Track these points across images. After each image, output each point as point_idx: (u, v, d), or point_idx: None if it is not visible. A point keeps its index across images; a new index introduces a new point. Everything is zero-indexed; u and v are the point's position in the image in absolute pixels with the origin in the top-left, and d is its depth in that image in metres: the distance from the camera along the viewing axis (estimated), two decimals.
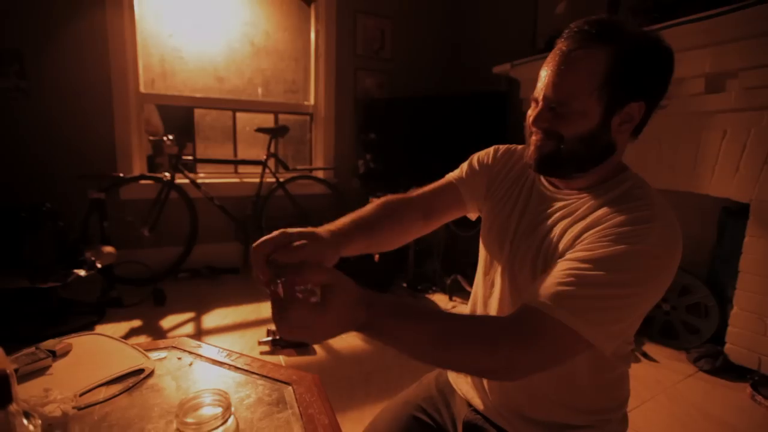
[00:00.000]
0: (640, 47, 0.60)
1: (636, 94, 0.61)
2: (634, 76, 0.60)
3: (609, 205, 0.63)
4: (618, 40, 0.59)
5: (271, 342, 1.84)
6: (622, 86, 0.60)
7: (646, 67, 0.61)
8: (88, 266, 1.92)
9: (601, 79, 0.59)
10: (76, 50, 2.49)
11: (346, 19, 3.27)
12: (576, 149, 0.64)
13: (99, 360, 0.91)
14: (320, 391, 0.83)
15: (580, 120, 0.62)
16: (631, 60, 0.59)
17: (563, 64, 0.61)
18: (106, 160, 2.63)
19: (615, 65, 0.59)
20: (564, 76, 0.62)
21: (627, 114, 0.62)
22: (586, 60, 0.60)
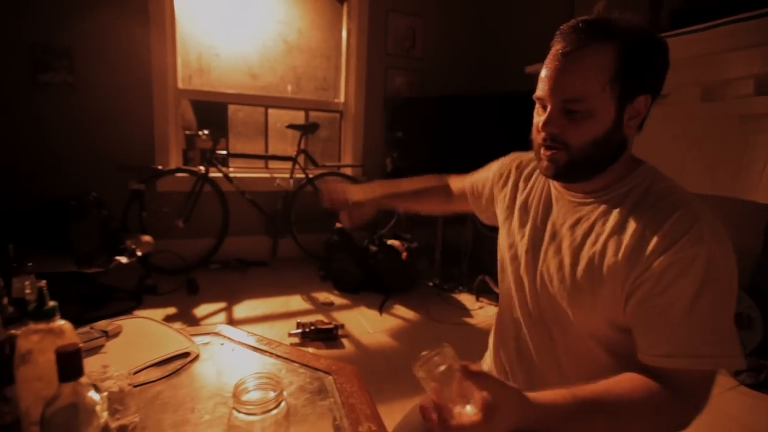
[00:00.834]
0: (642, 41, 0.60)
1: (643, 87, 0.61)
2: (641, 70, 0.60)
3: (643, 209, 0.62)
4: (620, 35, 0.59)
5: (300, 334, 1.88)
6: (630, 80, 0.60)
7: (650, 59, 0.61)
8: (129, 254, 2.00)
9: (611, 73, 0.59)
10: (120, 47, 2.60)
11: (378, 17, 3.28)
12: (591, 153, 0.63)
13: (147, 342, 0.96)
14: (360, 382, 0.84)
15: (592, 123, 0.61)
16: (636, 54, 0.59)
17: (570, 63, 0.60)
18: (144, 153, 2.73)
19: (622, 60, 0.59)
20: (574, 74, 0.60)
21: (635, 108, 0.62)
22: (593, 56, 0.59)
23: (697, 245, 0.56)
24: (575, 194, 0.71)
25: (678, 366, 0.56)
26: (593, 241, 0.65)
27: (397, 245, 2.58)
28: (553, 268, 0.70)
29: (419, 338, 2.03)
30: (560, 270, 0.69)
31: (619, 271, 0.61)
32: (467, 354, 1.72)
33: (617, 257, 0.61)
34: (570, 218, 0.70)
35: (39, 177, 2.45)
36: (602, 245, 0.64)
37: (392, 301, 2.44)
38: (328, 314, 2.21)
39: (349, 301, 2.43)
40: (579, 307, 0.67)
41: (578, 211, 0.70)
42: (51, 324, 0.60)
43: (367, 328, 2.09)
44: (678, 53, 1.99)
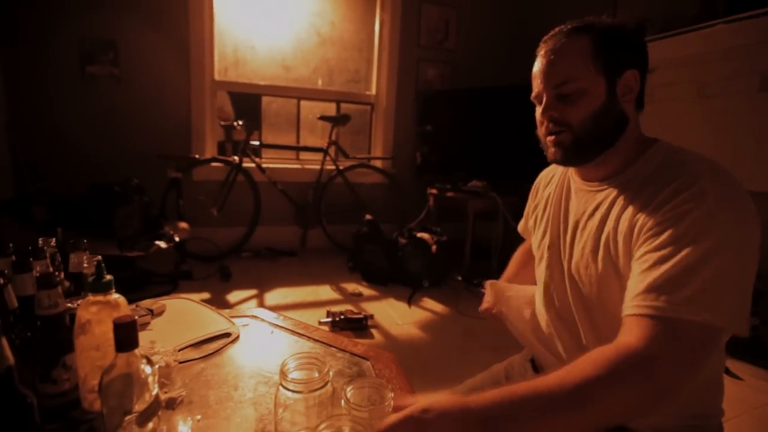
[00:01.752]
0: (613, 27, 0.66)
1: (627, 63, 0.65)
2: (619, 48, 0.65)
3: (651, 181, 0.62)
4: (593, 28, 0.66)
5: (330, 323, 1.89)
6: (611, 57, 0.64)
7: (625, 40, 0.66)
8: (167, 239, 2.07)
9: (590, 53, 0.64)
10: (161, 41, 2.68)
11: (411, 8, 3.25)
12: (592, 129, 0.65)
13: (190, 321, 0.98)
14: (398, 368, 0.84)
15: (587, 99, 0.64)
16: (610, 37, 0.65)
17: (552, 56, 0.66)
18: (182, 143, 2.82)
19: (598, 42, 0.64)
20: (557, 62, 0.66)
21: (626, 83, 0.65)
22: (571, 45, 0.65)
23: (696, 200, 0.55)
24: (591, 183, 0.73)
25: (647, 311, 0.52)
26: (609, 220, 0.66)
27: (427, 238, 2.56)
28: (577, 258, 0.71)
29: (449, 331, 2.01)
30: (583, 258, 0.69)
31: (627, 241, 0.61)
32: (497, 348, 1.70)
33: (627, 225, 0.62)
34: (589, 207, 0.71)
35: (87, 164, 2.58)
36: (614, 223, 0.64)
37: (421, 293, 2.42)
38: (357, 305, 2.22)
39: (378, 292, 2.43)
40: (608, 291, 0.66)
41: (595, 198, 0.71)
42: (108, 296, 0.62)
43: (396, 319, 2.08)
44: (734, 41, 1.89)
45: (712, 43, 1.90)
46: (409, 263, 2.50)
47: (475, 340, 1.93)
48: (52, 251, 0.83)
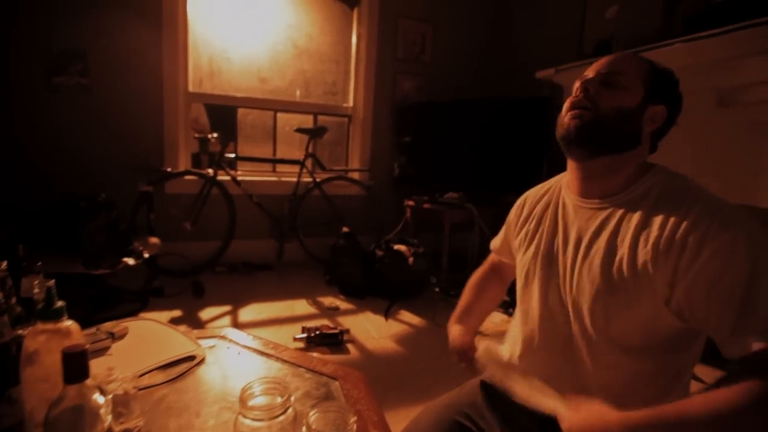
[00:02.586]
0: (667, 71, 0.75)
1: (663, 98, 0.72)
2: (663, 84, 0.72)
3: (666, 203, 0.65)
4: (651, 62, 0.74)
5: (305, 339, 1.86)
6: (657, 85, 0.71)
7: (670, 80, 0.74)
8: (136, 255, 2.01)
9: (645, 72, 0.71)
10: (133, 51, 2.63)
11: (388, 23, 3.29)
12: (613, 119, 0.69)
13: (154, 344, 0.95)
14: (367, 388, 0.83)
15: (623, 94, 0.70)
16: (661, 73, 0.73)
17: (619, 56, 0.74)
18: (154, 155, 2.76)
19: (653, 71, 0.72)
20: (616, 60, 0.73)
21: (655, 112, 0.71)
22: (633, 58, 0.74)
23: (733, 227, 0.58)
24: (591, 201, 0.74)
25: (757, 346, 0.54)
26: (621, 242, 0.67)
27: (404, 250, 2.56)
28: (584, 276, 0.71)
29: (425, 344, 2.00)
30: (590, 275, 0.70)
31: (652, 263, 0.62)
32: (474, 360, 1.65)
33: (648, 249, 0.63)
34: (593, 225, 0.72)
35: (52, 178, 2.49)
36: (630, 243, 0.66)
37: (398, 306, 2.42)
38: (334, 319, 2.20)
39: (355, 306, 2.41)
40: (614, 307, 0.67)
41: (598, 216, 0.72)
42: (58, 324, 0.59)
43: (373, 333, 2.07)
44: (692, 59, 1.98)
45: (672, 61, 1.96)
46: (387, 275, 2.50)
47: None
48: (2, 275, 0.79)
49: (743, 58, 1.76)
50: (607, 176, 0.72)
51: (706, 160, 1.93)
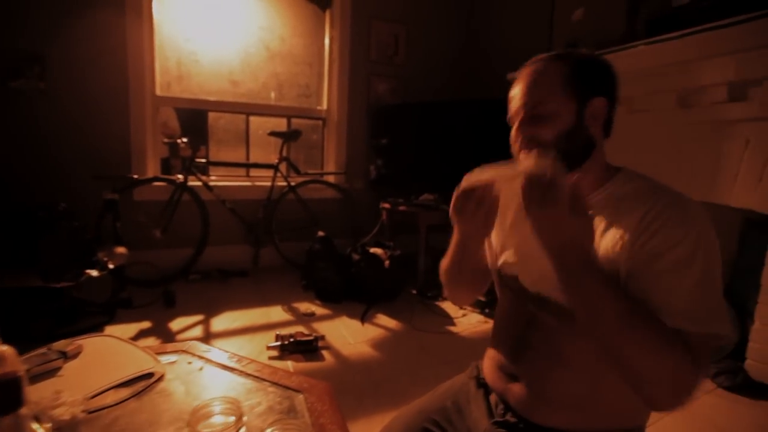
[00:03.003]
0: (587, 59, 0.73)
1: (597, 90, 0.71)
2: (590, 77, 0.71)
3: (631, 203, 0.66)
4: (569, 57, 0.72)
5: (279, 347, 1.83)
6: (582, 84, 0.70)
7: (596, 71, 0.73)
8: (100, 267, 1.93)
9: (563, 79, 0.70)
10: (96, 53, 2.54)
11: (361, 25, 3.28)
12: (563, 147, 0.69)
13: (109, 362, 0.91)
14: (332, 400, 0.81)
15: (558, 120, 0.69)
16: (583, 66, 0.71)
17: (530, 78, 0.72)
18: (121, 162, 2.66)
19: (572, 70, 0.70)
20: (533, 85, 0.71)
21: (594, 108, 0.71)
22: (547, 69, 0.71)
23: (687, 224, 0.61)
24: None
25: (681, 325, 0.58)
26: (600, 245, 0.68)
27: (380, 253, 2.55)
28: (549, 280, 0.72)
29: (402, 348, 2.00)
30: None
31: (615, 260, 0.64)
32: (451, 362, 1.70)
33: (613, 249, 0.65)
34: None
35: (8, 188, 2.36)
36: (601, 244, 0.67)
37: (375, 310, 2.40)
38: (309, 325, 2.17)
39: (331, 311, 2.39)
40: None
41: None
42: None
43: (349, 338, 2.05)
44: (654, 61, 2.03)
45: (635, 63, 2.04)
46: (363, 279, 2.48)
47: (429, 355, 1.93)
48: None
49: (701, 60, 1.82)
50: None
51: (668, 159, 1.99)
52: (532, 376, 0.76)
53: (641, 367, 0.57)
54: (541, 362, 0.75)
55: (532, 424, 0.75)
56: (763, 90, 1.65)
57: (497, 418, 0.80)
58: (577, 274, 0.59)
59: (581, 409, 0.72)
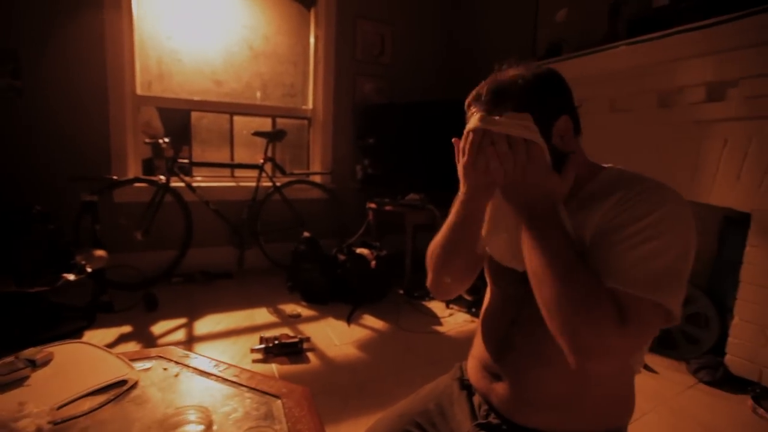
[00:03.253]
0: (534, 84, 0.68)
1: (554, 113, 0.68)
2: (543, 104, 0.67)
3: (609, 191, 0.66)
4: (513, 94, 0.67)
5: (263, 350, 1.80)
6: (538, 114, 0.66)
7: (545, 93, 0.69)
8: (78, 270, 1.88)
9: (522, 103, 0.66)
10: (73, 51, 2.47)
11: (346, 24, 3.26)
12: None
13: (81, 370, 0.88)
14: (310, 405, 0.80)
15: None
16: (530, 97, 0.67)
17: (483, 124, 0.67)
18: (100, 163, 2.60)
19: (524, 106, 0.66)
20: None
21: (559, 128, 0.68)
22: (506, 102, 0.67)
23: (656, 204, 0.61)
24: None
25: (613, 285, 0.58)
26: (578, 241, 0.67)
27: (366, 254, 2.53)
28: None
29: (388, 349, 1.99)
30: None
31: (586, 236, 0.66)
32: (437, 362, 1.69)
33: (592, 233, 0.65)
34: None
35: None
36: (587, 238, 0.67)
37: (361, 311, 2.39)
38: (295, 327, 2.15)
39: (317, 312, 2.36)
40: None
41: None
42: None
43: (334, 340, 2.03)
44: (635, 61, 2.05)
45: (617, 63, 2.06)
46: (349, 280, 2.46)
47: (415, 355, 1.93)
48: None
49: (680, 61, 1.84)
50: None
51: (650, 158, 2.01)
52: (515, 375, 0.76)
53: (565, 313, 0.58)
54: (523, 362, 0.75)
55: (514, 425, 0.75)
56: (740, 90, 1.68)
57: (480, 419, 0.80)
58: (542, 225, 0.63)
59: (563, 410, 0.72)
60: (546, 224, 0.63)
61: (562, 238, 0.62)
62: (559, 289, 0.59)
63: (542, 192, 0.65)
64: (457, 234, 0.78)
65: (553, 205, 0.65)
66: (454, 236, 0.78)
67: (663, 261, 0.59)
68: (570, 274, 0.59)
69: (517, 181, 0.64)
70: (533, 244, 0.63)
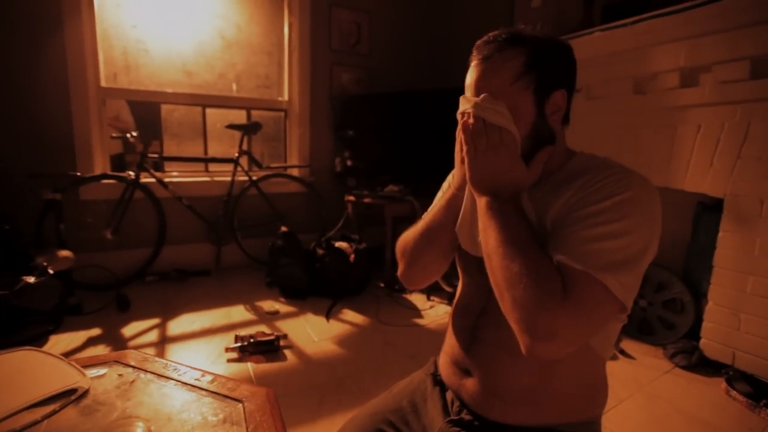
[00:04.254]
0: (547, 45, 0.66)
1: (556, 84, 0.66)
2: (549, 67, 0.66)
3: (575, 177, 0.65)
4: (527, 42, 0.65)
5: (239, 348, 1.75)
6: (542, 76, 0.65)
7: (556, 58, 0.67)
8: (39, 272, 1.79)
9: (521, 69, 0.64)
10: (29, 40, 2.33)
11: (321, 12, 3.18)
12: (524, 148, 0.66)
13: (26, 380, 0.82)
14: (273, 408, 0.76)
15: (517, 117, 0.64)
16: (542, 55, 0.65)
17: (485, 69, 0.66)
18: (64, 159, 2.48)
19: (530, 59, 0.64)
20: (489, 77, 0.65)
21: (554, 103, 0.67)
22: (502, 59, 0.65)
23: (618, 187, 0.59)
24: None
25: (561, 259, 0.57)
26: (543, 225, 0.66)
27: (345, 247, 2.49)
28: None
29: (367, 344, 1.96)
30: None
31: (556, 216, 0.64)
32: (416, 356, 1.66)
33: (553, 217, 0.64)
34: None
35: None
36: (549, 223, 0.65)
37: (341, 305, 2.35)
38: (272, 324, 2.10)
39: (296, 308, 2.32)
40: None
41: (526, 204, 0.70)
42: None
43: (313, 336, 1.99)
44: (610, 48, 2.04)
45: (593, 49, 2.05)
46: (328, 275, 2.42)
47: (394, 349, 1.90)
48: None
49: (654, 47, 1.84)
50: None
51: (625, 145, 2.02)
52: (483, 369, 0.74)
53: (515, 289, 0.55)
54: (491, 353, 0.73)
55: (486, 420, 0.73)
56: (713, 75, 1.69)
57: (453, 416, 0.77)
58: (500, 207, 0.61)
59: (533, 403, 0.70)
60: (504, 207, 0.61)
61: (519, 220, 0.60)
62: (508, 265, 0.57)
63: (508, 179, 0.63)
64: (439, 220, 0.78)
65: (517, 193, 0.63)
66: (438, 220, 0.78)
67: (618, 243, 0.56)
68: (522, 252, 0.57)
69: (486, 163, 0.63)
70: (488, 224, 0.61)
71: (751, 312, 1.64)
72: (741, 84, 1.60)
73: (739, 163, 1.64)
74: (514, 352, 0.69)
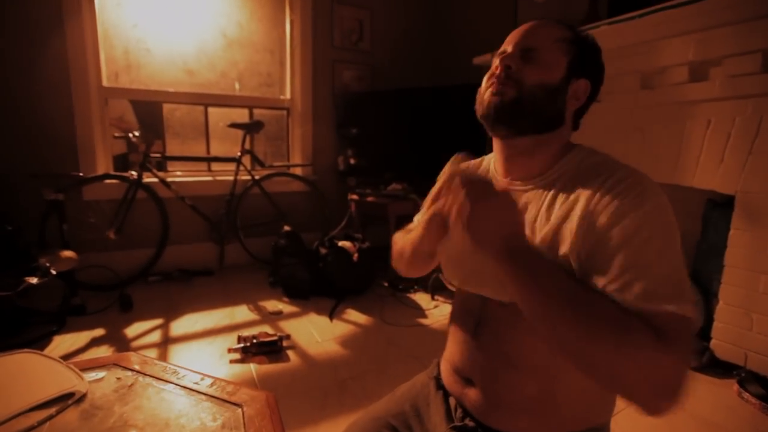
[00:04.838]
0: (591, 40, 0.71)
1: (586, 72, 0.69)
2: (587, 56, 0.69)
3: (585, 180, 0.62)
4: (573, 29, 0.70)
5: (241, 349, 1.74)
6: (580, 57, 0.67)
7: (595, 57, 0.71)
8: (41, 273, 1.78)
9: (567, 37, 0.67)
10: (31, 40, 2.33)
11: (323, 8, 3.15)
12: (536, 97, 0.65)
13: (23, 384, 0.80)
14: (273, 412, 0.74)
15: (546, 70, 0.66)
16: (585, 43, 0.69)
17: (532, 26, 0.69)
18: (66, 159, 2.48)
19: (576, 40, 0.68)
20: (534, 32, 0.68)
21: (577, 87, 0.68)
22: (553, 27, 0.69)
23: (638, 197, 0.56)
24: (515, 183, 0.72)
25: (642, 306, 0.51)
26: (544, 222, 0.64)
27: (348, 246, 2.47)
28: None
29: (370, 344, 1.94)
30: None
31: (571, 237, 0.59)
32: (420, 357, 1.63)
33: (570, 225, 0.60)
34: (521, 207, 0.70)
35: None
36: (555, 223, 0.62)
37: (344, 305, 2.33)
38: (275, 324, 2.08)
39: (299, 308, 2.30)
40: None
41: (521, 199, 0.69)
42: None
43: (316, 336, 1.97)
44: (617, 42, 2.00)
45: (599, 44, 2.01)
46: (331, 274, 2.40)
47: (398, 350, 1.88)
48: None
49: (662, 40, 1.80)
50: (529, 157, 0.70)
51: (633, 141, 1.98)
52: (485, 380, 0.72)
53: (609, 365, 0.49)
54: (491, 364, 0.71)
55: (490, 429, 0.71)
56: (723, 69, 1.64)
57: (456, 422, 0.75)
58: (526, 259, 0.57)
59: (538, 412, 0.68)
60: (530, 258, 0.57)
61: (555, 270, 0.56)
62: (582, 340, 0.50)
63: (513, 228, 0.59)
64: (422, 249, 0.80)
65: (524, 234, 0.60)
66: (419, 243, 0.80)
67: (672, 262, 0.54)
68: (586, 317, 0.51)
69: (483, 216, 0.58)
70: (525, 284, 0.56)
71: (764, 312, 1.61)
72: (753, 77, 1.56)
73: (751, 158, 1.60)
74: (514, 362, 0.67)
